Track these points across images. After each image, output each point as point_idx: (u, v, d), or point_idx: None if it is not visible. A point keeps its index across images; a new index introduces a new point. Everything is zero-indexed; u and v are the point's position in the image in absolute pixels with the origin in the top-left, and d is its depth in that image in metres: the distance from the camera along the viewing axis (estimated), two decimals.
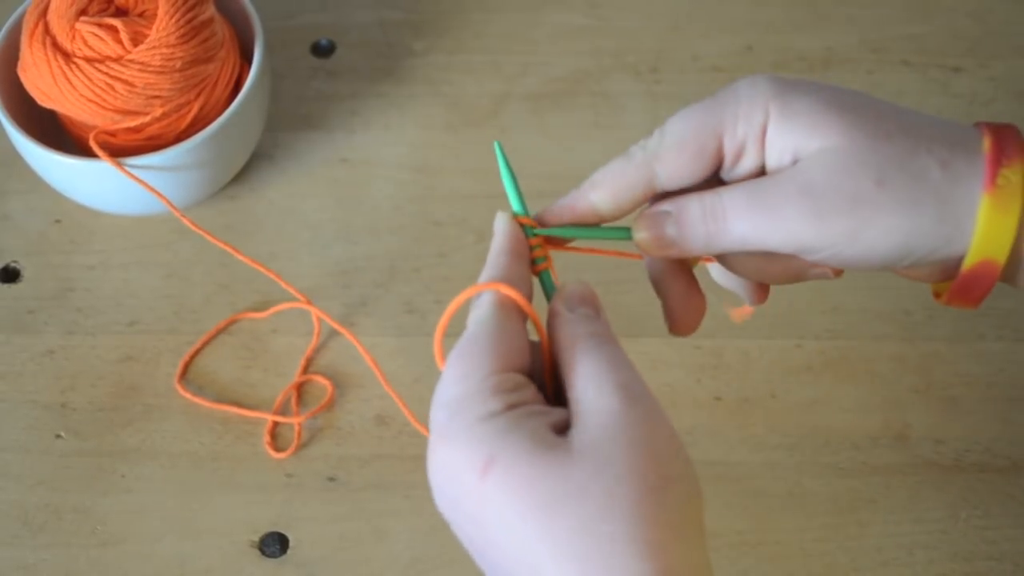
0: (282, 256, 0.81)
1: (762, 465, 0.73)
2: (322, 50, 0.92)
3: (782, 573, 0.69)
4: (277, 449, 0.74)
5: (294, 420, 0.74)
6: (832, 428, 0.74)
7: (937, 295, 0.53)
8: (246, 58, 0.83)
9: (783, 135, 0.50)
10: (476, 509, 0.44)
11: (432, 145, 0.87)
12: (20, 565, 0.70)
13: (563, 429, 0.45)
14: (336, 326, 0.78)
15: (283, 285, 0.79)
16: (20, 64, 0.78)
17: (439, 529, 0.71)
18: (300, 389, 0.76)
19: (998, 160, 0.49)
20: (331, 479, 0.73)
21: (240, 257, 0.78)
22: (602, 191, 0.52)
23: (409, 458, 0.73)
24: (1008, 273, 0.50)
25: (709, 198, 0.50)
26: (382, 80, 0.90)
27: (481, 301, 0.49)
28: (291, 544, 0.71)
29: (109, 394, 0.76)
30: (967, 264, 0.50)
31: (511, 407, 0.45)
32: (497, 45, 0.92)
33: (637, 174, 0.52)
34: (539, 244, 0.53)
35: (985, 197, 0.48)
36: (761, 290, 0.57)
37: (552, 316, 0.49)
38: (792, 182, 0.49)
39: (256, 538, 0.71)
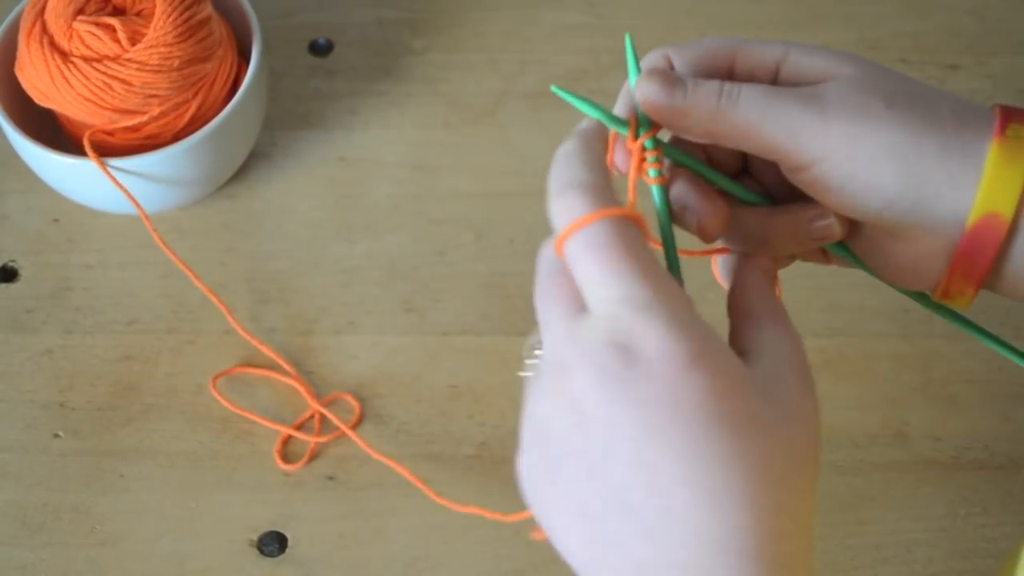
0: (280, 255, 0.81)
1: None
2: (320, 49, 0.92)
3: None
4: (286, 461, 0.73)
5: (312, 439, 0.74)
6: (831, 426, 0.74)
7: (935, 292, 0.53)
8: (244, 57, 0.83)
9: (802, 69, 0.52)
10: (659, 394, 0.42)
11: (430, 144, 0.87)
12: (18, 565, 0.70)
13: None
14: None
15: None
16: (18, 63, 0.78)
17: (438, 528, 0.71)
18: (326, 405, 0.75)
19: (1008, 116, 0.50)
20: (330, 478, 0.73)
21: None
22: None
23: (408, 457, 0.73)
24: (1005, 248, 0.50)
25: (729, 83, 0.51)
26: (380, 79, 0.90)
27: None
28: (290, 543, 0.71)
29: (107, 393, 0.76)
30: (973, 217, 0.49)
31: None
32: (495, 43, 0.92)
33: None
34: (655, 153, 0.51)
35: (994, 143, 0.49)
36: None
37: (756, 270, 0.51)
38: (807, 90, 0.51)
39: (255, 537, 0.71)
